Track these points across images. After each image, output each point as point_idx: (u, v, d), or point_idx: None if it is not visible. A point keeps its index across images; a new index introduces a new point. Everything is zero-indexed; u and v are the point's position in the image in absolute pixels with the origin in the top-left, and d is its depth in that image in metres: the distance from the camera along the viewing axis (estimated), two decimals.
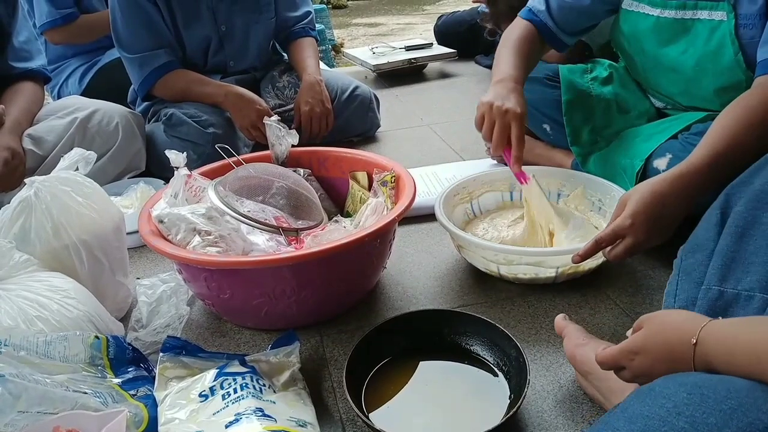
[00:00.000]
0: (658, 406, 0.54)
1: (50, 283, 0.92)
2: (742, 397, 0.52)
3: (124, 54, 1.70)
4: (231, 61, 1.83)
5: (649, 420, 0.54)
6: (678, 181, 0.88)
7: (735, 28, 1.04)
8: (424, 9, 6.71)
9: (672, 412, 0.53)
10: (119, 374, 0.86)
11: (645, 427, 0.53)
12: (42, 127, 1.53)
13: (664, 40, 1.16)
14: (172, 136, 1.65)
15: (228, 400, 0.76)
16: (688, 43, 1.13)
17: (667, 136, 1.16)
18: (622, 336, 0.93)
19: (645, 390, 0.58)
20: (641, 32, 1.19)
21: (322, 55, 3.22)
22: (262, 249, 1.07)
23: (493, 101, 1.07)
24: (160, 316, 1.02)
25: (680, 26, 1.13)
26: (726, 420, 0.51)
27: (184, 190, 1.08)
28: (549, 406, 0.83)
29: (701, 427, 0.51)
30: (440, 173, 1.55)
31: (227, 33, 1.76)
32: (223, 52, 1.79)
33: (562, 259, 1.01)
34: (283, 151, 1.29)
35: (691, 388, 0.54)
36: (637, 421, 0.54)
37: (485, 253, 1.06)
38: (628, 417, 0.55)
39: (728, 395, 0.52)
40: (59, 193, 0.99)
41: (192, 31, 1.71)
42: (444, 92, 2.47)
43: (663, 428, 0.52)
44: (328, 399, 0.88)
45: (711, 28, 1.08)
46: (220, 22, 1.74)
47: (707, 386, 0.54)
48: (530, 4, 1.30)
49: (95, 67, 2.01)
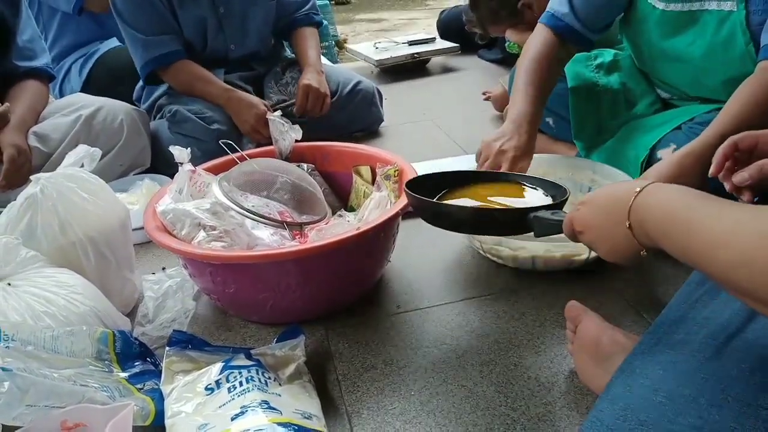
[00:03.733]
0: (637, 385, 0.57)
1: (57, 278, 0.92)
2: (715, 367, 0.54)
3: (127, 30, 1.68)
4: (231, 44, 1.81)
5: (629, 398, 0.56)
6: (686, 159, 0.89)
7: (746, 17, 1.03)
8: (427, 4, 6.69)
9: (649, 389, 0.55)
10: (126, 368, 0.87)
11: (625, 405, 0.56)
12: (47, 125, 1.53)
13: (669, 32, 1.15)
14: (176, 132, 1.66)
15: (234, 393, 0.77)
16: (695, 35, 1.12)
17: (672, 127, 1.16)
18: (628, 328, 0.94)
19: (626, 372, 0.60)
20: (648, 23, 1.19)
21: (325, 51, 3.22)
22: (267, 243, 1.07)
23: (493, 140, 1.08)
24: (167, 310, 1.03)
25: (687, 17, 1.12)
26: (700, 390, 0.53)
27: (189, 186, 1.08)
28: (554, 398, 0.83)
29: (678, 399, 0.54)
30: (444, 167, 1.55)
31: (226, 14, 1.75)
32: (223, 35, 1.78)
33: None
34: (287, 147, 1.29)
35: (666, 365, 0.57)
36: (618, 401, 0.56)
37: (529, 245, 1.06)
38: (611, 398, 0.58)
39: (700, 367, 0.55)
40: (65, 190, 1.00)
41: (187, 11, 1.70)
42: (447, 86, 2.47)
43: (642, 405, 0.55)
44: (334, 391, 0.88)
45: (720, 19, 1.07)
46: (218, 3, 1.72)
47: (680, 361, 0.56)
48: (551, 7, 1.24)
49: (93, 57, 2.01)
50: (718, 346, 0.57)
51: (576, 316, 0.85)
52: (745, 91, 0.93)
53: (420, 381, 0.88)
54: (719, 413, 0.52)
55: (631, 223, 0.56)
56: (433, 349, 0.94)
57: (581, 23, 1.21)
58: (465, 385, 0.86)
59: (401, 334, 0.99)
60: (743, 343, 0.56)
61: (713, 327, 0.59)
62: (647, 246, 0.57)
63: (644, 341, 0.65)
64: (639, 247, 0.58)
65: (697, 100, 1.22)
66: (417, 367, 0.91)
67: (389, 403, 0.85)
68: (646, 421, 0.54)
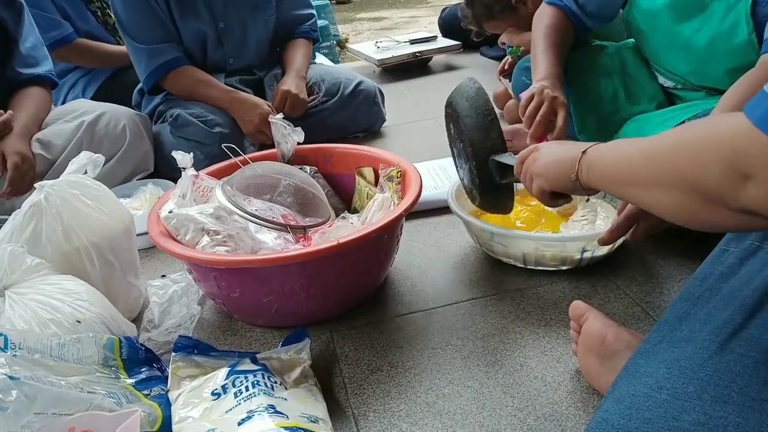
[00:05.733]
0: (641, 384, 0.57)
1: (62, 286, 0.93)
2: (718, 363, 0.54)
3: (130, 42, 1.70)
4: (230, 58, 1.82)
5: (635, 398, 0.56)
6: None
7: (752, 6, 1.03)
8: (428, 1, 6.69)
9: (654, 387, 0.56)
10: (133, 374, 0.87)
11: (631, 405, 0.56)
12: (50, 132, 1.54)
13: (679, 17, 1.15)
14: (178, 136, 1.66)
15: (240, 397, 0.77)
16: (702, 21, 1.11)
17: (675, 124, 1.15)
18: (632, 326, 0.93)
19: (631, 371, 0.60)
20: (658, 8, 1.18)
21: (326, 50, 3.22)
22: (271, 247, 1.07)
23: (543, 87, 1.13)
24: (172, 315, 1.03)
25: (698, 3, 1.12)
26: (704, 386, 0.54)
27: (192, 191, 1.09)
28: (560, 397, 0.83)
29: (682, 396, 0.54)
30: (447, 167, 1.55)
31: (225, 30, 1.76)
32: (222, 49, 1.79)
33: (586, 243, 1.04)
34: (289, 149, 1.29)
35: (670, 363, 0.57)
36: (624, 400, 0.57)
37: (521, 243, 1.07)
38: (616, 397, 0.58)
39: (704, 363, 0.55)
40: (69, 197, 1.00)
41: (187, 24, 1.71)
42: (449, 85, 2.42)
43: (647, 403, 0.55)
44: (340, 395, 0.88)
45: (728, 7, 1.07)
46: (217, 18, 1.74)
47: (684, 359, 0.57)
48: None
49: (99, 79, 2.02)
50: (722, 342, 0.57)
51: (580, 315, 0.84)
52: (745, 83, 0.92)
53: (426, 382, 0.88)
54: (723, 409, 0.52)
55: (578, 173, 0.70)
56: (438, 351, 0.94)
57: (579, 7, 1.27)
58: (471, 386, 0.86)
59: (406, 336, 0.99)
60: (746, 338, 0.57)
61: (716, 323, 0.60)
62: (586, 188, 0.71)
63: (649, 340, 0.65)
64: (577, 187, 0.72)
65: (701, 90, 1.22)
66: (423, 369, 0.91)
67: (395, 406, 0.85)
68: (651, 420, 0.54)
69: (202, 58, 1.79)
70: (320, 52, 3.03)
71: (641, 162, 0.57)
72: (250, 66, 1.89)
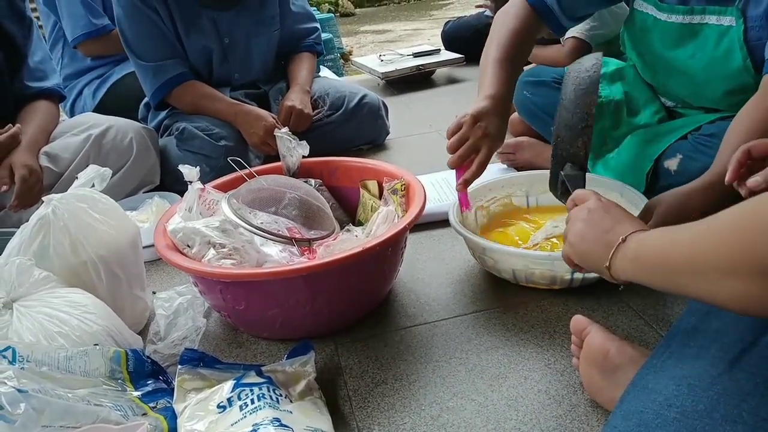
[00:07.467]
0: (650, 401, 0.57)
1: (69, 298, 0.93)
2: (728, 381, 0.54)
3: (136, 60, 1.73)
4: (236, 73, 1.85)
5: (643, 415, 0.56)
6: (709, 192, 0.89)
7: (744, 32, 1.04)
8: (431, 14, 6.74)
9: (663, 405, 0.55)
10: (139, 387, 0.87)
11: (639, 422, 0.56)
12: (58, 145, 1.56)
13: (671, 43, 1.16)
14: (184, 150, 1.67)
15: (245, 410, 0.77)
16: (696, 48, 1.12)
17: (677, 137, 1.16)
18: (636, 339, 0.94)
19: (639, 387, 0.60)
20: (651, 33, 1.19)
21: (331, 63, 3.25)
22: (276, 260, 1.08)
23: (478, 118, 1.03)
24: (178, 328, 1.04)
25: (688, 30, 1.12)
26: (714, 405, 0.53)
27: (198, 204, 1.10)
28: (564, 411, 0.83)
29: (692, 414, 0.54)
30: (451, 180, 1.55)
31: (230, 45, 1.78)
32: (227, 64, 1.81)
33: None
34: (294, 162, 1.30)
35: (679, 380, 0.57)
36: (632, 417, 0.57)
37: (510, 259, 1.06)
38: (624, 414, 0.58)
39: (713, 382, 0.55)
40: (76, 210, 1.01)
41: (193, 41, 1.73)
42: (452, 98, 2.48)
43: (656, 421, 0.55)
44: (344, 407, 0.89)
45: (719, 33, 1.07)
46: (222, 34, 1.76)
47: (693, 376, 0.56)
48: None
49: (107, 82, 2.05)
50: (731, 360, 0.57)
51: (582, 329, 0.84)
52: (751, 109, 0.93)
53: (430, 395, 0.88)
54: (734, 428, 0.51)
55: (610, 263, 0.66)
56: (442, 363, 0.95)
57: (559, 6, 1.13)
58: (475, 399, 0.87)
59: (411, 349, 0.99)
60: (757, 356, 0.56)
61: (725, 340, 0.59)
62: (617, 279, 0.68)
63: (656, 354, 0.64)
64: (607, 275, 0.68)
65: (701, 110, 1.22)
66: (427, 382, 0.91)
67: (400, 419, 0.85)
68: None
69: (207, 73, 1.81)
70: (324, 65, 3.06)
71: (695, 245, 0.53)
72: (255, 80, 1.91)
